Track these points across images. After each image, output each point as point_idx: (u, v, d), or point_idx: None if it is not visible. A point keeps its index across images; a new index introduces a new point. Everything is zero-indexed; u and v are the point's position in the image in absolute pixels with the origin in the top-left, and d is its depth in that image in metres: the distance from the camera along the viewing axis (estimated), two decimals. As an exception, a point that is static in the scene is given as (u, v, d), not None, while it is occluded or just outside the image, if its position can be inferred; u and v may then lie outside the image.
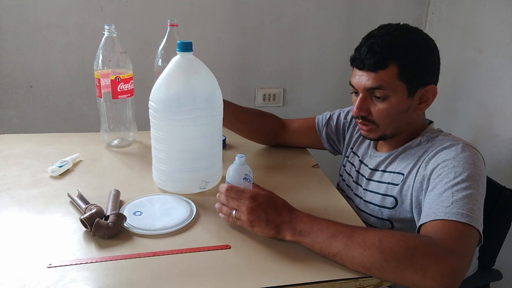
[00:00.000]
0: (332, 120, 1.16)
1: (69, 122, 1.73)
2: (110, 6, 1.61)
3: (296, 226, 0.72)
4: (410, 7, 1.85)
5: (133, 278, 0.64)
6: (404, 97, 0.86)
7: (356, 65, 0.89)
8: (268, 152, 1.19)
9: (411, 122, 0.91)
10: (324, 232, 0.69)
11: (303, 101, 1.92)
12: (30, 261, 0.67)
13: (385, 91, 0.85)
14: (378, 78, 0.85)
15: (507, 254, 1.22)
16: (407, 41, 0.85)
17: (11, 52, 1.60)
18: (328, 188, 0.98)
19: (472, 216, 0.71)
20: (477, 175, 0.78)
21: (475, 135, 1.57)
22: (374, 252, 0.64)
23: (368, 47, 0.85)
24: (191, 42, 0.84)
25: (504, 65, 1.42)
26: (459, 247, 0.67)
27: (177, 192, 0.90)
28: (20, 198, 0.87)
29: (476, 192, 0.76)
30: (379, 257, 0.64)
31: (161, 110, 0.84)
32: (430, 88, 0.87)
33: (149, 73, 1.16)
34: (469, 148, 0.83)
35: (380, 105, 0.87)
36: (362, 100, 0.88)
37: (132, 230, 0.75)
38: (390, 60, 0.84)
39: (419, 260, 0.63)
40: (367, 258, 0.64)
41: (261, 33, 1.77)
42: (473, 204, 0.73)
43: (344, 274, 0.66)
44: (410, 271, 0.62)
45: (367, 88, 0.87)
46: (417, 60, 0.85)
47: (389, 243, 0.65)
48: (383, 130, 0.91)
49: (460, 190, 0.75)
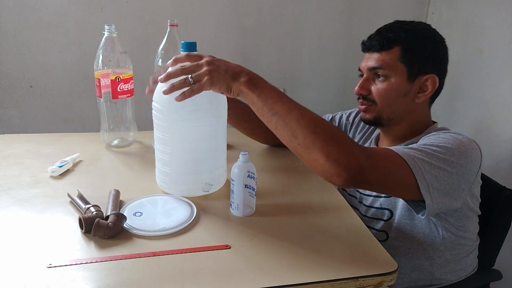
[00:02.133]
0: (334, 121, 1.18)
1: (69, 122, 1.73)
2: (110, 6, 1.61)
3: (254, 77, 0.76)
4: (410, 7, 1.85)
5: (133, 278, 0.64)
6: (404, 80, 0.90)
7: (364, 48, 0.95)
8: (268, 152, 1.19)
9: (410, 111, 0.93)
10: (275, 93, 0.75)
11: (303, 101, 1.89)
12: (30, 261, 0.67)
13: (385, 71, 0.90)
14: (381, 58, 0.91)
15: (507, 254, 1.22)
16: (414, 29, 0.91)
17: (11, 52, 1.60)
18: (328, 188, 0.98)
19: (417, 164, 0.74)
20: (457, 151, 0.78)
21: (475, 135, 1.57)
22: (309, 122, 0.70)
23: (377, 31, 0.93)
24: (195, 42, 0.84)
25: (504, 65, 1.42)
26: (379, 162, 0.72)
27: (180, 195, 0.88)
28: (20, 198, 0.87)
29: (443, 158, 0.76)
30: (311, 128, 0.69)
31: (164, 111, 0.83)
32: (430, 77, 0.90)
33: (149, 73, 1.16)
34: (468, 138, 0.84)
35: (380, 84, 0.92)
36: (365, 80, 0.94)
37: (132, 231, 0.75)
38: (394, 42, 0.89)
39: (338, 145, 0.68)
40: (300, 125, 0.70)
41: (261, 33, 1.77)
42: (429, 161, 0.75)
43: (344, 274, 0.66)
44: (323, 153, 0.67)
45: (370, 68, 0.93)
46: (421, 46, 0.89)
47: (324, 123, 0.71)
48: (380, 110, 0.94)
49: (427, 149, 0.77)
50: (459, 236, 0.91)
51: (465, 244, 0.94)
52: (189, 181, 0.88)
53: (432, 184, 0.75)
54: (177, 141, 0.85)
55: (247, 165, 0.80)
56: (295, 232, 0.78)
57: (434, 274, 0.94)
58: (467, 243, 0.94)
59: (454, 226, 0.89)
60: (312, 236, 0.76)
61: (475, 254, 1.00)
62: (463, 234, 0.91)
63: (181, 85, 0.77)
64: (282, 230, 0.79)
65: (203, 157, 0.87)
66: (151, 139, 1.10)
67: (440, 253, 0.91)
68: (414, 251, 0.92)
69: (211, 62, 0.76)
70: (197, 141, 0.85)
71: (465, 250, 0.95)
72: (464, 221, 0.90)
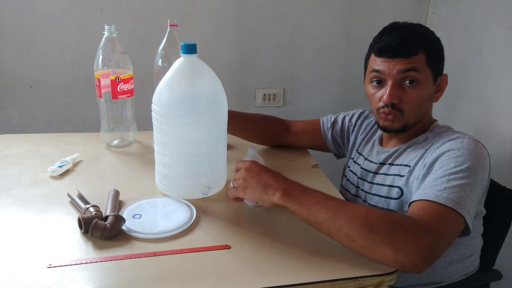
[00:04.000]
0: (337, 123, 1.17)
1: (69, 122, 1.73)
2: (110, 6, 1.61)
3: (287, 188, 0.74)
4: (410, 7, 1.85)
5: (133, 278, 0.64)
6: (431, 84, 0.92)
7: (386, 53, 0.89)
8: (268, 153, 1.19)
9: (426, 112, 0.96)
10: (314, 198, 0.72)
11: (303, 101, 1.92)
12: (30, 261, 0.67)
13: (419, 74, 0.88)
14: (412, 62, 0.88)
15: (507, 254, 1.22)
16: (429, 33, 0.93)
17: (11, 52, 1.60)
18: (328, 188, 0.98)
19: (460, 204, 0.73)
20: (477, 168, 0.80)
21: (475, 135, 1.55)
22: (361, 222, 0.66)
23: (400, 36, 0.88)
24: (195, 44, 0.83)
25: (504, 65, 1.42)
26: (438, 228, 0.69)
27: (179, 197, 0.88)
28: (20, 198, 0.87)
29: (472, 183, 0.77)
30: (365, 228, 0.66)
31: (164, 114, 0.83)
32: (444, 77, 0.95)
33: (149, 73, 1.16)
34: (475, 142, 0.85)
35: (411, 91, 0.90)
36: (394, 87, 0.89)
37: (131, 233, 0.74)
38: (419, 47, 0.89)
39: (401, 236, 0.65)
40: (353, 228, 0.67)
41: (261, 33, 1.77)
42: (465, 193, 0.75)
43: (344, 274, 0.66)
44: (392, 246, 0.65)
45: (401, 70, 0.88)
46: (438, 50, 0.93)
47: (375, 216, 0.67)
48: (408, 118, 0.92)
49: (456, 179, 0.77)
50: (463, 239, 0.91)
51: (470, 244, 0.94)
52: (188, 183, 0.88)
53: (472, 212, 0.76)
54: (177, 144, 0.85)
55: (256, 157, 0.83)
56: (295, 232, 0.78)
57: (437, 273, 0.94)
58: (472, 243, 0.94)
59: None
60: (312, 236, 0.75)
61: (478, 254, 1.00)
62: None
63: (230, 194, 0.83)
64: (282, 230, 0.79)
65: (203, 160, 0.87)
66: (151, 139, 1.10)
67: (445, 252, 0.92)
68: None
69: (247, 170, 0.78)
70: (196, 144, 0.84)
71: (469, 249, 0.95)
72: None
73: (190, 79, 0.84)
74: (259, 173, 0.77)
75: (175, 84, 0.83)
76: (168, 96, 0.83)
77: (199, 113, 0.83)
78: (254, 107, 1.88)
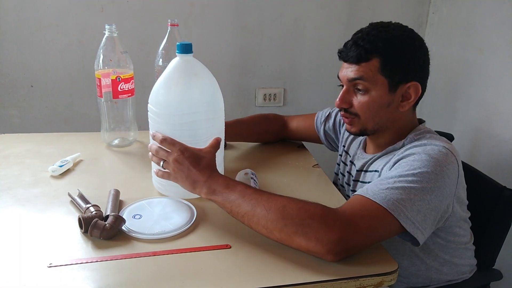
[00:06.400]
0: (330, 117, 1.18)
1: (70, 121, 1.73)
2: (110, 6, 1.61)
3: (211, 185, 0.77)
4: (410, 7, 1.85)
5: (133, 278, 0.64)
6: (385, 92, 0.87)
7: (341, 57, 0.92)
8: (268, 152, 1.19)
9: (395, 120, 0.91)
10: (235, 193, 0.74)
11: (304, 100, 1.92)
12: (31, 261, 0.67)
13: (366, 83, 0.87)
14: (360, 70, 0.87)
15: (507, 254, 1.22)
16: (391, 37, 0.86)
17: (11, 52, 1.60)
18: (328, 187, 0.98)
19: (398, 207, 0.71)
20: (433, 175, 0.76)
21: (475, 135, 1.57)
22: (277, 216, 0.69)
23: (354, 40, 0.88)
24: (191, 44, 0.82)
25: (504, 65, 1.42)
26: (358, 223, 0.69)
27: (177, 196, 0.88)
28: (20, 197, 0.87)
29: (422, 188, 0.74)
30: (281, 221, 0.69)
31: (160, 114, 0.83)
32: (412, 85, 0.87)
33: (150, 73, 1.16)
34: (446, 151, 0.80)
35: (361, 97, 0.89)
36: (345, 92, 0.91)
37: (131, 234, 0.74)
38: (372, 53, 0.86)
39: (314, 228, 0.67)
40: (270, 221, 0.70)
41: (261, 33, 1.77)
42: (408, 197, 0.72)
43: (344, 274, 0.66)
44: (304, 238, 0.67)
45: (349, 79, 0.89)
46: (400, 55, 0.86)
47: (291, 209, 0.69)
48: (364, 123, 0.91)
49: (403, 181, 0.75)
50: (450, 241, 0.91)
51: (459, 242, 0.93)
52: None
53: (416, 219, 0.73)
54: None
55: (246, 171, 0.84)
56: (295, 232, 0.77)
57: (432, 276, 0.94)
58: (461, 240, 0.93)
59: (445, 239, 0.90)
60: (312, 236, 0.75)
61: (472, 250, 0.99)
62: (455, 238, 0.91)
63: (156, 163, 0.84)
64: (282, 230, 0.79)
65: None
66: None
67: (434, 255, 0.92)
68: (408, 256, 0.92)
69: (177, 161, 0.79)
70: (193, 144, 0.83)
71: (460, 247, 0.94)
72: (455, 228, 0.90)
73: (186, 79, 0.84)
74: (189, 168, 0.78)
75: (172, 84, 0.83)
76: (165, 96, 0.83)
77: (196, 113, 0.83)
78: (254, 107, 1.88)
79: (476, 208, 0.97)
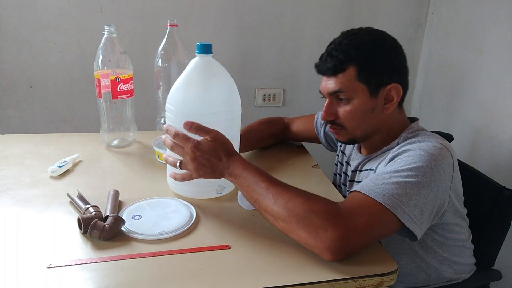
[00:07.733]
0: None
1: (69, 122, 1.73)
2: (110, 6, 1.61)
3: (232, 170, 0.79)
4: (410, 7, 1.85)
5: (133, 278, 0.64)
6: (366, 98, 0.88)
7: (318, 71, 0.92)
8: (268, 152, 1.19)
9: (383, 123, 0.92)
10: (251, 178, 0.76)
11: (303, 101, 1.92)
12: (30, 261, 0.67)
13: (346, 94, 0.88)
14: (338, 81, 0.88)
15: (507, 254, 1.22)
16: (362, 42, 0.87)
17: (11, 52, 1.60)
18: (328, 188, 0.98)
19: (395, 202, 0.71)
20: (429, 169, 0.76)
21: (474, 135, 1.57)
22: (283, 206, 0.71)
23: (328, 52, 0.90)
24: (210, 44, 0.82)
25: (504, 65, 1.42)
26: (357, 221, 0.69)
27: (193, 197, 0.87)
28: (20, 198, 0.87)
29: (419, 182, 0.74)
30: (286, 212, 0.70)
31: (179, 113, 0.82)
32: (393, 87, 0.88)
33: (149, 73, 1.16)
34: (440, 146, 0.81)
35: (344, 107, 0.90)
36: (329, 105, 0.92)
37: (131, 234, 0.74)
38: (347, 62, 0.86)
39: (315, 223, 0.68)
40: (275, 211, 0.72)
41: (261, 33, 1.77)
42: (404, 191, 0.72)
43: (344, 274, 0.66)
44: (305, 231, 0.68)
45: (329, 93, 0.90)
46: (374, 60, 0.87)
47: (295, 203, 0.71)
48: (352, 132, 0.92)
49: (399, 176, 0.75)
50: (447, 238, 0.91)
51: (457, 239, 0.93)
52: (202, 183, 0.85)
53: (414, 213, 0.73)
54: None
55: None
56: (295, 232, 0.77)
57: (431, 276, 0.94)
58: (459, 237, 0.94)
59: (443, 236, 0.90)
60: (312, 236, 0.75)
61: (471, 249, 0.99)
62: (452, 235, 0.91)
63: (172, 165, 0.83)
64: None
65: None
66: (151, 139, 1.10)
67: (433, 252, 0.92)
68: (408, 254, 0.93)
69: (195, 159, 0.78)
70: None
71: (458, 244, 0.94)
72: (452, 225, 0.90)
73: (206, 79, 0.83)
74: (209, 160, 0.78)
75: (191, 84, 0.83)
76: (184, 96, 0.82)
77: (215, 113, 0.83)
78: (254, 107, 1.88)
79: (476, 208, 0.97)
